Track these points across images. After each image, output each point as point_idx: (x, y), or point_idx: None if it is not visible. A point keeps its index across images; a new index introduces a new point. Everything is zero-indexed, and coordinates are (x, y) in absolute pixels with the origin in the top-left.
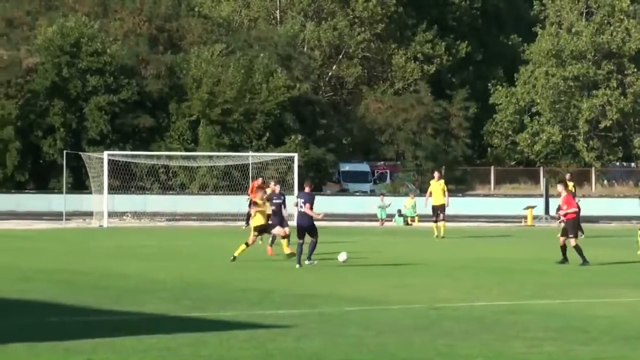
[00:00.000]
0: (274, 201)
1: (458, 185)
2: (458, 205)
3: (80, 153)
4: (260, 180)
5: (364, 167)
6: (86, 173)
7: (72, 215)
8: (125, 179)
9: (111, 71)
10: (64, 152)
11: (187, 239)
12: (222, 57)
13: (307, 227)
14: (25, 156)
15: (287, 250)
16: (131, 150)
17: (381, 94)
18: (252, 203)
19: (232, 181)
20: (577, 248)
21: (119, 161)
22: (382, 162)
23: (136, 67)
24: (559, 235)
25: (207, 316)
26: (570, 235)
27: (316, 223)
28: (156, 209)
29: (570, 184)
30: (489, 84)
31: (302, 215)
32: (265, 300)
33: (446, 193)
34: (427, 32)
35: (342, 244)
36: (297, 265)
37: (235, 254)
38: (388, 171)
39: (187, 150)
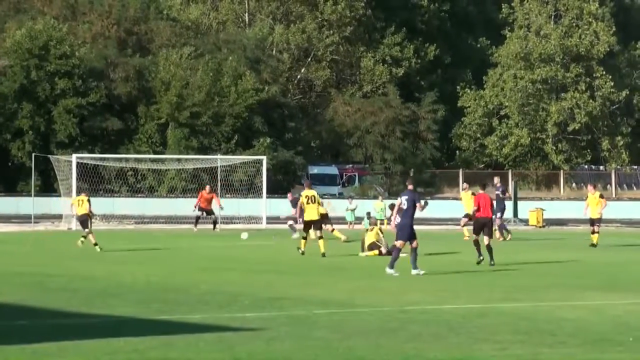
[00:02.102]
0: None
1: (427, 188)
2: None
3: (49, 156)
4: (208, 188)
5: (333, 170)
6: (55, 176)
7: (40, 218)
8: (93, 182)
9: (80, 74)
10: (33, 154)
11: (155, 242)
12: (191, 60)
13: (402, 225)
14: None
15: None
16: (100, 153)
17: (350, 96)
18: (199, 208)
19: (200, 184)
20: (488, 247)
21: (88, 164)
22: (350, 165)
23: (105, 70)
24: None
25: (175, 319)
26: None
27: (280, 226)
28: (125, 211)
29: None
30: (458, 87)
31: (405, 214)
32: (233, 303)
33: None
34: (396, 35)
35: (310, 247)
36: (390, 271)
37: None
38: (356, 174)
39: (155, 153)
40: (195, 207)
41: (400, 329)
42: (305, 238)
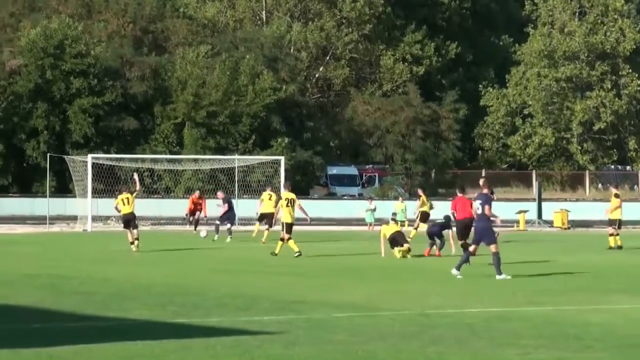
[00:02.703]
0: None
1: (448, 189)
2: (448, 209)
3: (64, 156)
4: (197, 193)
5: (352, 170)
6: (70, 176)
7: (55, 219)
8: (109, 183)
9: (95, 73)
10: (48, 155)
11: (172, 244)
12: (208, 58)
13: (482, 229)
14: (8, 159)
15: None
16: (115, 153)
17: (369, 95)
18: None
19: (217, 185)
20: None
21: (103, 164)
22: (370, 166)
23: (120, 69)
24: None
25: (192, 322)
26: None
27: (305, 227)
28: (141, 213)
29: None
30: (480, 86)
31: (480, 217)
32: (251, 306)
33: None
34: (416, 33)
35: (329, 248)
36: (456, 272)
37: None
38: (376, 175)
39: (172, 153)
40: (187, 214)
41: (421, 333)
42: (287, 240)
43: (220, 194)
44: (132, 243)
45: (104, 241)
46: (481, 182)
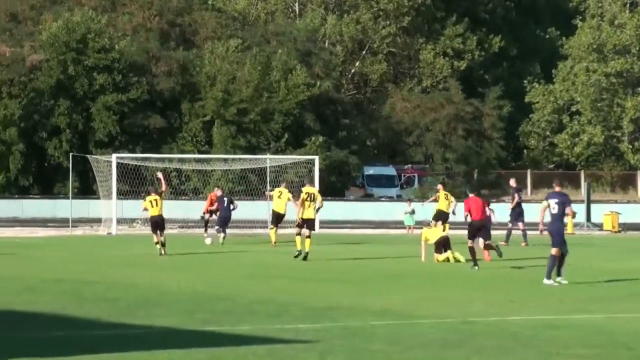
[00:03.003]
0: None
1: (492, 190)
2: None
3: (87, 156)
4: (218, 192)
5: (390, 170)
6: (94, 177)
7: (78, 222)
8: (135, 184)
9: (120, 69)
10: (70, 154)
11: (201, 248)
12: (238, 53)
13: (556, 231)
14: (29, 159)
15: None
16: (141, 152)
17: (408, 92)
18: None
19: (248, 186)
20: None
21: (129, 164)
22: (409, 165)
23: (146, 64)
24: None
25: (222, 330)
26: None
27: (340, 230)
28: (168, 215)
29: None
30: (525, 81)
31: (555, 218)
32: (284, 313)
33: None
34: (458, 26)
35: (366, 252)
36: (549, 282)
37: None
38: (416, 175)
39: (200, 152)
40: (204, 212)
41: (464, 342)
42: (299, 234)
43: (219, 192)
44: (157, 243)
45: (129, 245)
46: (511, 181)
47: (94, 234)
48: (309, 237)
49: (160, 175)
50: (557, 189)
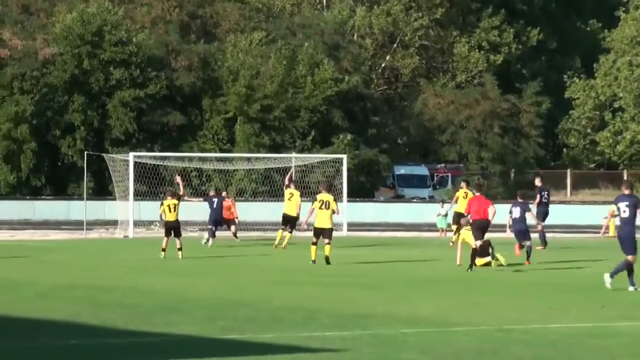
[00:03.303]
0: None
1: (530, 190)
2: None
3: (103, 154)
4: (224, 194)
5: (422, 170)
6: (109, 177)
7: (93, 224)
8: (153, 184)
9: (137, 63)
10: (85, 153)
11: (223, 251)
12: (262, 46)
13: (627, 236)
14: (41, 158)
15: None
16: (160, 151)
17: (441, 87)
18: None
19: (273, 186)
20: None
21: (146, 163)
22: (442, 165)
23: (165, 58)
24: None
25: (245, 338)
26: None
27: (370, 233)
28: (188, 217)
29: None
30: (565, 76)
31: (626, 222)
32: (311, 320)
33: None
34: (494, 18)
35: (396, 256)
36: (609, 279)
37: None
38: (449, 175)
39: (222, 151)
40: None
41: (500, 351)
42: (315, 244)
43: (212, 192)
44: (164, 250)
45: (146, 248)
46: (537, 181)
47: (109, 237)
48: (328, 243)
49: (179, 179)
50: (626, 191)
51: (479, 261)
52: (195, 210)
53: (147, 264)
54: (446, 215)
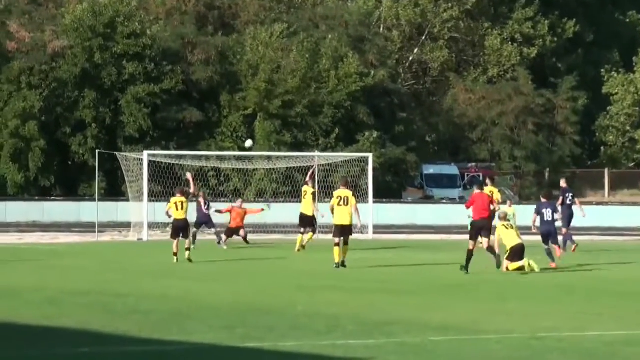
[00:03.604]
0: None
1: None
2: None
3: (116, 153)
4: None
5: (452, 169)
6: (122, 177)
7: (105, 226)
8: (168, 184)
9: (152, 56)
10: (97, 151)
11: (241, 255)
12: (283, 39)
13: None
14: (50, 157)
15: None
16: (175, 149)
17: (472, 82)
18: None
19: (294, 186)
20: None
21: (161, 162)
22: (473, 164)
23: (181, 52)
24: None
25: (265, 346)
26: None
27: (396, 236)
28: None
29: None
30: (602, 70)
31: None
32: (334, 328)
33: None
34: (527, 9)
35: (424, 260)
36: None
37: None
38: (480, 175)
39: (241, 149)
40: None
41: (534, 359)
42: (338, 245)
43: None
44: (175, 254)
45: (161, 252)
46: (562, 182)
47: (122, 240)
48: (346, 244)
49: (189, 176)
50: None
51: (512, 265)
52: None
53: (162, 269)
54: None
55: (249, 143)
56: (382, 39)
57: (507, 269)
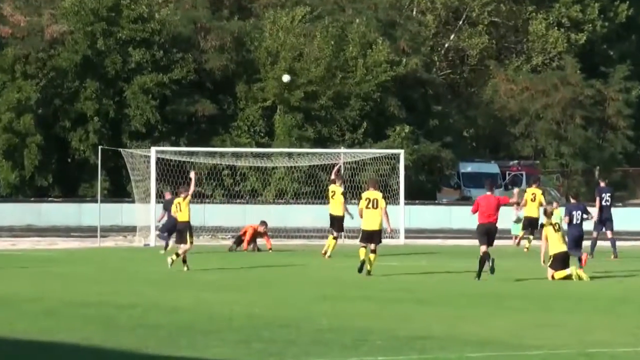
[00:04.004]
0: None
1: (617, 191)
2: (617, 217)
3: (120, 149)
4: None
5: (492, 167)
6: (127, 176)
7: (109, 230)
8: (178, 184)
9: (160, 43)
10: (99, 148)
11: (259, 262)
12: (305, 23)
13: None
14: (48, 154)
15: None
16: (186, 145)
17: (514, 71)
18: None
19: (318, 186)
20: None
21: (171, 160)
22: (515, 162)
23: (193, 38)
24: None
25: None
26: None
27: (428, 241)
28: (219, 222)
29: None
30: None
31: None
32: (361, 343)
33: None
34: None
35: (461, 268)
36: None
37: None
38: (523, 173)
39: (259, 145)
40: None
41: None
42: (365, 247)
43: (168, 195)
44: (185, 262)
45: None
46: (602, 183)
47: (127, 246)
48: (373, 251)
49: (193, 175)
50: None
51: (558, 274)
52: (227, 215)
53: (170, 277)
54: (519, 220)
55: (286, 78)
56: (415, 23)
57: (553, 277)
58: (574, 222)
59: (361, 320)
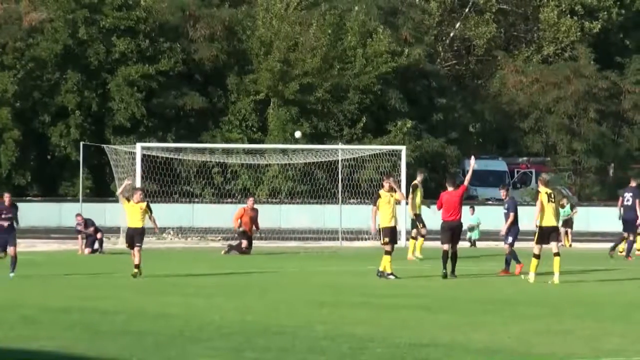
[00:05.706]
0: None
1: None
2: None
3: (103, 145)
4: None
5: (500, 165)
6: (111, 173)
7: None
8: (165, 182)
9: (146, 32)
10: (81, 144)
11: (251, 266)
12: (301, 11)
13: None
14: (26, 150)
15: None
16: (174, 141)
17: (524, 62)
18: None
19: (314, 185)
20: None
21: (157, 157)
22: (524, 159)
23: (181, 26)
24: None
25: None
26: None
27: (426, 243)
28: (209, 223)
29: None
30: None
31: None
32: (361, 351)
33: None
34: None
35: (467, 271)
36: None
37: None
38: (533, 171)
39: (251, 141)
40: (237, 227)
41: None
42: (385, 253)
43: None
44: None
45: (157, 262)
46: (633, 182)
47: (111, 248)
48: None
49: (128, 181)
50: None
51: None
52: (217, 215)
53: (158, 282)
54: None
55: (298, 134)
56: (418, 11)
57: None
58: (629, 203)
59: (359, 327)
